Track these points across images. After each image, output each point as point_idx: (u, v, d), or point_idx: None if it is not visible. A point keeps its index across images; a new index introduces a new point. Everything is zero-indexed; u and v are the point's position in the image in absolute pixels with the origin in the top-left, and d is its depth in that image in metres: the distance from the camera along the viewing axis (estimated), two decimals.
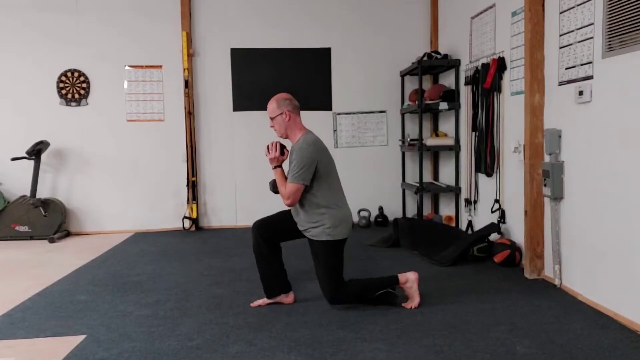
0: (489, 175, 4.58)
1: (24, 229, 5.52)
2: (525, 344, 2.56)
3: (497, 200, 4.41)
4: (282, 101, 3.14)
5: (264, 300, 3.22)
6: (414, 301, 3.12)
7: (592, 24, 3.08)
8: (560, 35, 3.41)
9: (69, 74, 5.77)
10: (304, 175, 2.99)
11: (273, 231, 3.17)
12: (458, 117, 5.29)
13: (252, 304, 3.22)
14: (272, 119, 3.16)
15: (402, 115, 6.06)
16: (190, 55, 5.83)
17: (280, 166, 3.14)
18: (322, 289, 3.13)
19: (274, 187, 3.17)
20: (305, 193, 3.05)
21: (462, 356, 2.44)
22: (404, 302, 3.15)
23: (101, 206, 5.88)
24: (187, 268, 4.20)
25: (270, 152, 3.13)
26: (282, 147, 3.15)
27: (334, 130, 6.09)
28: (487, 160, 4.56)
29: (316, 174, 3.03)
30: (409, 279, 3.13)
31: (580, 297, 3.23)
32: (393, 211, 6.13)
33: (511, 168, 4.17)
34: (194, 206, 5.88)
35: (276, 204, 3.36)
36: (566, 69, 3.34)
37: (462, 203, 5.26)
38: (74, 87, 5.78)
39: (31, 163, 5.57)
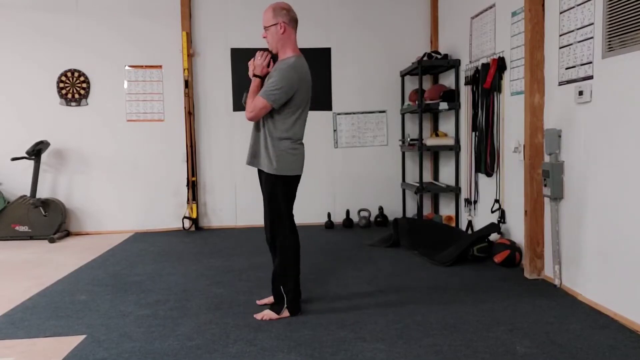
0: (489, 175, 4.58)
1: (24, 229, 5.52)
2: (525, 344, 2.56)
3: (497, 200, 4.41)
4: (279, 11, 2.88)
5: (269, 299, 3.20)
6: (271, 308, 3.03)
7: (592, 24, 3.08)
8: (560, 35, 3.41)
9: (69, 74, 5.77)
10: (276, 97, 2.79)
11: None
12: (458, 117, 5.29)
13: (258, 302, 3.23)
14: (265, 28, 2.92)
15: (402, 115, 6.06)
16: (190, 55, 5.82)
17: (260, 77, 2.94)
18: (265, 228, 3.07)
19: (246, 98, 2.97)
20: (270, 118, 2.87)
21: (462, 356, 2.44)
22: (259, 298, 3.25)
23: (101, 206, 5.88)
24: (187, 268, 4.20)
25: (256, 58, 2.95)
26: (273, 59, 2.97)
27: (334, 130, 6.09)
28: (487, 160, 4.56)
29: (290, 102, 2.83)
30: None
31: (580, 297, 3.23)
32: (393, 211, 6.13)
33: (511, 168, 4.17)
34: (194, 206, 5.88)
35: None
36: (566, 69, 3.34)
37: (462, 203, 5.26)
38: (74, 87, 5.78)
39: (31, 163, 5.57)
